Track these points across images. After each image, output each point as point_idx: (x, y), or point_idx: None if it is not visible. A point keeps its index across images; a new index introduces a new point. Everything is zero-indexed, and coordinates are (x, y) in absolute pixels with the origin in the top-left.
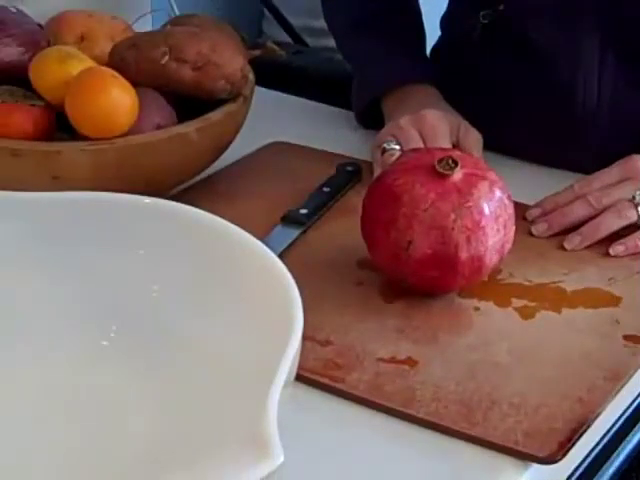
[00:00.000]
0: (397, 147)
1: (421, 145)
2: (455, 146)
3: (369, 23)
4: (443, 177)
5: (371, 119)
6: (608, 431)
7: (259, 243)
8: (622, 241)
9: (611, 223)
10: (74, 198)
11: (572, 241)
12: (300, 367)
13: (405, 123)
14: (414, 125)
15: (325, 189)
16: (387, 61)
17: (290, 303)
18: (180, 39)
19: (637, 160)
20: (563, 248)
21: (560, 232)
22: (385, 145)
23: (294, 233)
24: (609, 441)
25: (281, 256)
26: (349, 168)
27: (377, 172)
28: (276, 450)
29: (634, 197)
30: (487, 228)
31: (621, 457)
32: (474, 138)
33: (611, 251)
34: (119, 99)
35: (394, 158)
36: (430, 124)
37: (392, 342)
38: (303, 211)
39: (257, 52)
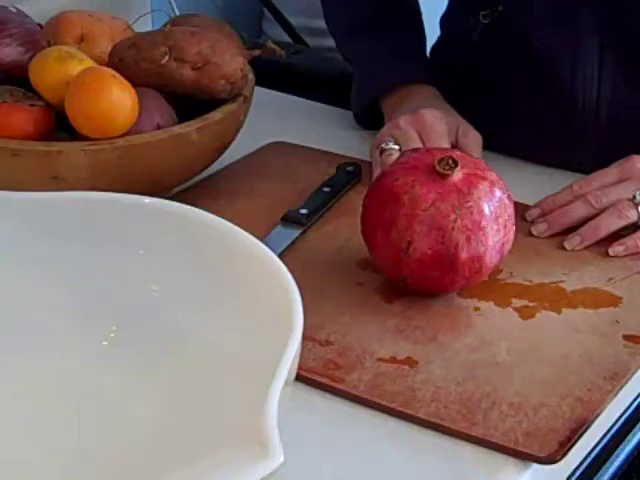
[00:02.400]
0: (396, 147)
1: (420, 145)
2: (454, 146)
3: (369, 24)
4: (443, 177)
5: (370, 120)
6: (608, 431)
7: (259, 243)
8: (622, 241)
9: (611, 223)
10: (74, 198)
11: (572, 242)
12: (300, 367)
13: (404, 123)
14: (413, 125)
15: (325, 189)
16: (386, 62)
17: (290, 303)
18: (180, 39)
19: (637, 160)
20: (563, 248)
21: (560, 232)
22: (384, 145)
23: (294, 233)
24: (609, 441)
25: (281, 256)
26: (349, 168)
27: (376, 172)
28: (276, 450)
29: (634, 197)
30: (487, 228)
31: (621, 457)
32: (473, 138)
33: (611, 251)
34: (119, 99)
35: (393, 158)
36: (429, 124)
37: (392, 342)
38: (303, 211)
39: (257, 52)
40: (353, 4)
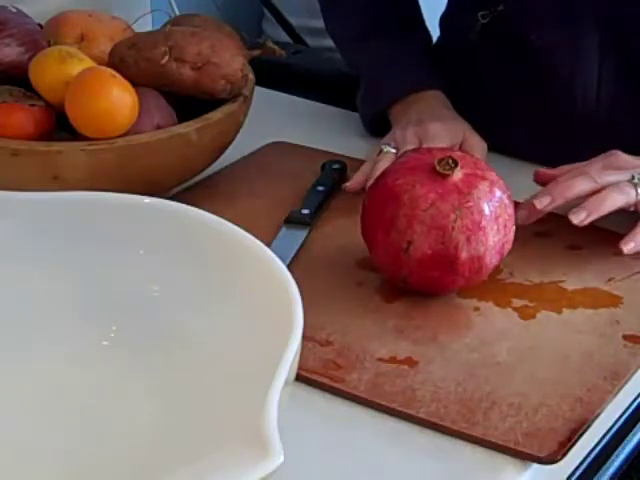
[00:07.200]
0: (393, 150)
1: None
2: None
3: (376, 32)
4: (443, 177)
5: (379, 126)
6: (608, 431)
7: (259, 243)
8: (629, 238)
9: (615, 198)
10: (74, 198)
11: (578, 215)
12: (300, 367)
13: (409, 133)
14: (416, 134)
15: (319, 188)
16: (397, 70)
17: (290, 303)
18: (180, 39)
19: (619, 155)
20: (563, 248)
21: (559, 231)
22: (382, 147)
23: (301, 234)
24: (609, 441)
25: (293, 259)
26: (335, 166)
27: (365, 169)
28: (276, 450)
29: (633, 177)
30: (487, 228)
31: (621, 457)
32: (477, 146)
33: (625, 250)
34: (119, 99)
35: (385, 162)
36: (431, 135)
37: (392, 342)
38: (305, 211)
39: (257, 52)
40: (359, 13)
